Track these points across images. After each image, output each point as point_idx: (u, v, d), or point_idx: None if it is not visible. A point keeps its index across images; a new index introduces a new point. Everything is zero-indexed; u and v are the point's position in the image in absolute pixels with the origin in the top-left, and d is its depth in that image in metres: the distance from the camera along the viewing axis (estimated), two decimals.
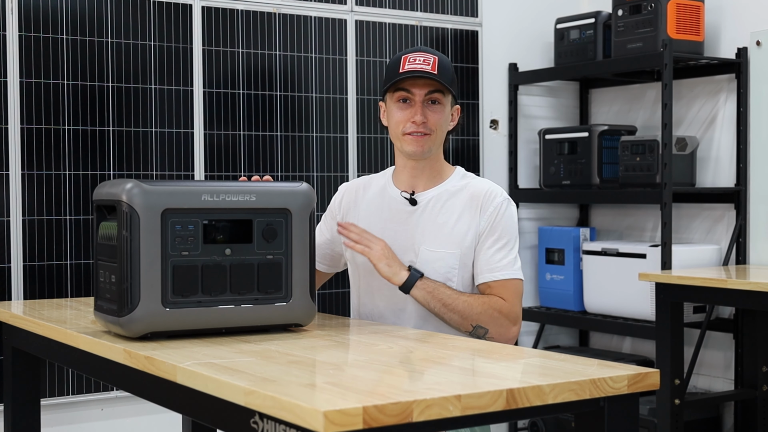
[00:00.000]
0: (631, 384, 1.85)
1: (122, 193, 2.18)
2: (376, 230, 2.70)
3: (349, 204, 2.81)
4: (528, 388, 1.73)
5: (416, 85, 2.63)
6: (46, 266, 3.93)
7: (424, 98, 2.64)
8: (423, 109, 2.63)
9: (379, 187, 2.79)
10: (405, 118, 2.64)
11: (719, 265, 4.62)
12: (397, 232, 2.69)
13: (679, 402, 4.16)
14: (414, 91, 2.64)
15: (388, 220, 2.72)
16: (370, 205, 2.77)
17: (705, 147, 4.80)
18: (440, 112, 2.65)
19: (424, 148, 2.65)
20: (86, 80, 4.01)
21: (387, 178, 2.80)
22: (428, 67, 2.61)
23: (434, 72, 2.60)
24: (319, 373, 1.94)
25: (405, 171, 2.74)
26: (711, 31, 4.76)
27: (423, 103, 2.64)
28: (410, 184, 2.73)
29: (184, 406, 2.03)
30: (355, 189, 2.83)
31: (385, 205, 2.75)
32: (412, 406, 1.59)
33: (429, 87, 2.63)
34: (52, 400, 3.93)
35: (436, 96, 2.64)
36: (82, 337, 2.33)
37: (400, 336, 2.37)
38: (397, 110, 2.66)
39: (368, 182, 2.84)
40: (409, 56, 2.64)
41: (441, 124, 2.66)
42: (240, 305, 2.29)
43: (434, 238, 2.65)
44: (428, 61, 2.62)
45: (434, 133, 2.65)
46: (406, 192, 2.72)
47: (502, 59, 5.16)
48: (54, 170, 3.96)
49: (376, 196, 2.78)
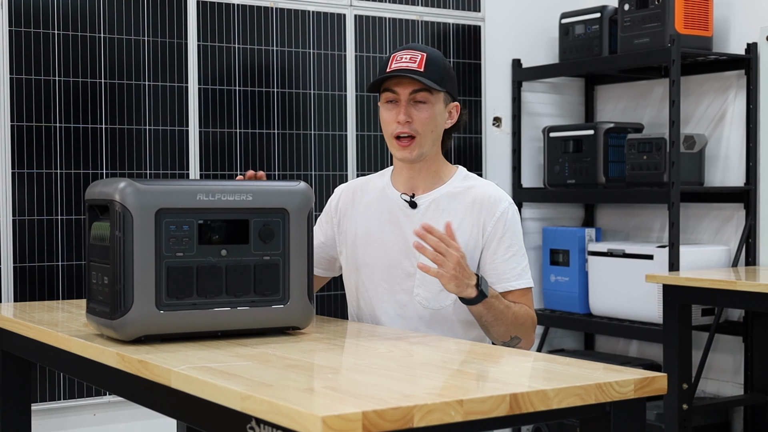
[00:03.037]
0: (638, 388, 1.84)
1: (115, 193, 2.18)
2: (375, 233, 2.69)
3: (346, 206, 2.79)
4: (532, 393, 1.72)
5: (400, 84, 2.61)
6: (37, 268, 3.92)
7: (409, 98, 2.60)
8: (407, 109, 2.60)
9: (377, 189, 2.76)
10: (391, 119, 2.62)
11: (728, 267, 4.63)
12: (397, 236, 2.67)
13: (687, 407, 4.16)
14: (398, 91, 2.61)
15: (387, 222, 2.70)
16: (368, 208, 2.75)
17: (714, 145, 4.79)
18: (426, 111, 2.61)
19: (413, 153, 2.62)
20: (78, 77, 4.01)
21: (386, 179, 2.77)
22: (414, 65, 2.58)
23: (420, 70, 2.57)
24: (317, 377, 1.94)
25: (403, 172, 2.72)
26: (720, 26, 4.76)
27: (408, 103, 2.61)
28: (409, 186, 2.71)
29: (178, 411, 2.03)
30: (352, 190, 2.81)
31: (384, 207, 2.72)
32: (413, 411, 1.58)
33: (413, 86, 2.60)
34: (43, 405, 3.92)
35: (421, 95, 2.61)
36: (74, 341, 2.33)
37: (400, 339, 2.35)
38: (385, 111, 2.65)
39: (366, 183, 2.81)
40: (398, 54, 2.62)
41: (428, 123, 2.62)
42: (236, 307, 2.28)
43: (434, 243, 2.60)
44: (415, 59, 2.59)
45: (421, 135, 2.61)
46: (406, 194, 2.70)
47: (505, 55, 5.16)
48: (45, 169, 3.94)
49: (374, 198, 2.75)
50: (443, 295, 2.62)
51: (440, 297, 2.62)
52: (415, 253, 2.62)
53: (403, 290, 2.65)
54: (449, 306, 2.63)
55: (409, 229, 2.65)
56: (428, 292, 2.63)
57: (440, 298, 2.62)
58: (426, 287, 2.63)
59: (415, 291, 2.64)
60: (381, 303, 2.68)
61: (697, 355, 4.45)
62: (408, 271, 2.64)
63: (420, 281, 2.63)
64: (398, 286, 2.66)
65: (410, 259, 2.64)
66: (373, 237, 2.68)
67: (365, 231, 2.69)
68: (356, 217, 2.74)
